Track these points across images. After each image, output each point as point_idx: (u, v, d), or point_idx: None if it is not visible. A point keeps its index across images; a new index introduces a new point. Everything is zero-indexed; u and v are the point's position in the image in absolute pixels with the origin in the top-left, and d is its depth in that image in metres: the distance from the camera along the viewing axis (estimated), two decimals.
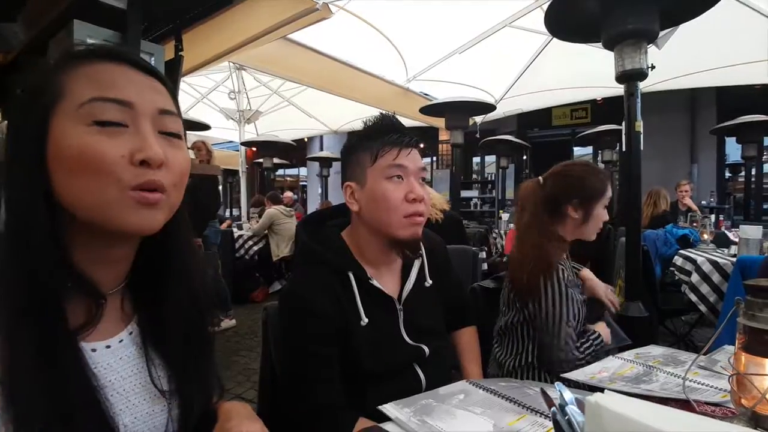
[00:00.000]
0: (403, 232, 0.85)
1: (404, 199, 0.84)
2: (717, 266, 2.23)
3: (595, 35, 2.18)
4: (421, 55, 4.51)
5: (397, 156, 0.84)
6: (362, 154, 0.87)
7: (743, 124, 4.13)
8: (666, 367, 0.95)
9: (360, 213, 0.88)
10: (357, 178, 0.88)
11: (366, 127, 0.90)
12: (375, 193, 0.84)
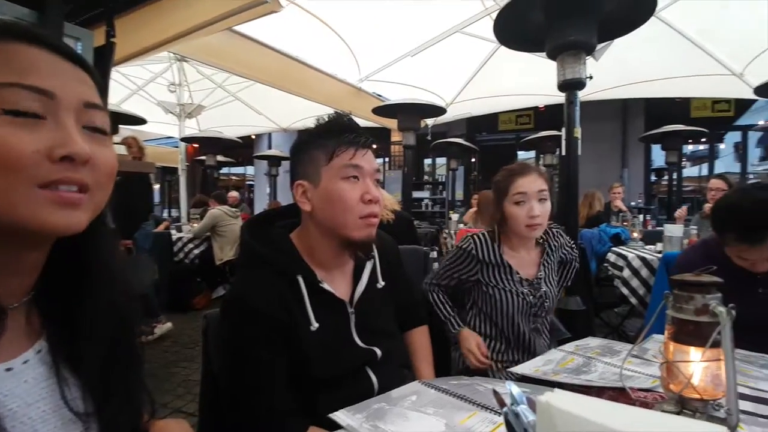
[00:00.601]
0: (358, 233, 0.84)
1: (360, 200, 0.83)
2: (645, 262, 2.43)
3: (539, 45, 2.31)
4: (373, 55, 4.53)
5: (353, 156, 0.83)
6: (316, 152, 0.84)
7: (667, 133, 4.55)
8: (603, 357, 1.02)
9: (312, 213, 0.85)
10: (310, 177, 0.85)
11: (321, 124, 0.88)
12: (330, 193, 0.82)
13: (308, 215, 0.87)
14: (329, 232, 0.85)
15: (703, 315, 0.59)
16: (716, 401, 0.59)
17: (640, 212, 5.01)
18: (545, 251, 1.36)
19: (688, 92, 5.26)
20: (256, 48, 3.92)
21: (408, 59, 4.48)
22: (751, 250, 1.14)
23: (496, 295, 1.31)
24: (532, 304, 1.31)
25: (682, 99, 6.76)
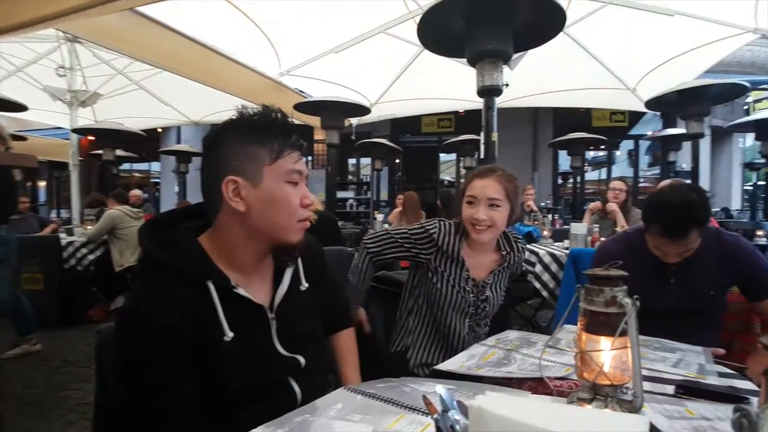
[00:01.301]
0: (295, 236, 0.83)
1: (300, 204, 0.83)
2: (555, 258, 2.65)
3: (460, 51, 2.41)
4: (295, 49, 4.41)
5: (297, 160, 0.83)
6: (258, 149, 0.78)
7: (572, 140, 5.05)
8: (522, 349, 1.08)
9: (247, 213, 0.78)
10: (247, 175, 0.78)
11: (262, 118, 0.81)
12: (275, 195, 0.79)
13: (235, 215, 0.79)
14: (261, 235, 0.80)
15: (611, 306, 0.64)
16: (624, 385, 0.64)
17: (550, 212, 5.52)
18: (503, 264, 1.37)
19: (590, 103, 5.90)
20: (163, 33, 3.59)
21: (332, 56, 4.44)
22: (669, 244, 1.27)
23: (439, 284, 1.32)
24: (470, 303, 1.33)
25: (585, 109, 7.57)
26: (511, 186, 1.28)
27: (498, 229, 1.28)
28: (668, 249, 1.28)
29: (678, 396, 0.79)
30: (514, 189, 1.29)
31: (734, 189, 10.74)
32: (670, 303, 1.26)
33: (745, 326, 1.42)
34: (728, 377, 0.91)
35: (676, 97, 3.47)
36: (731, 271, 1.32)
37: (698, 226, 1.22)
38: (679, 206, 1.23)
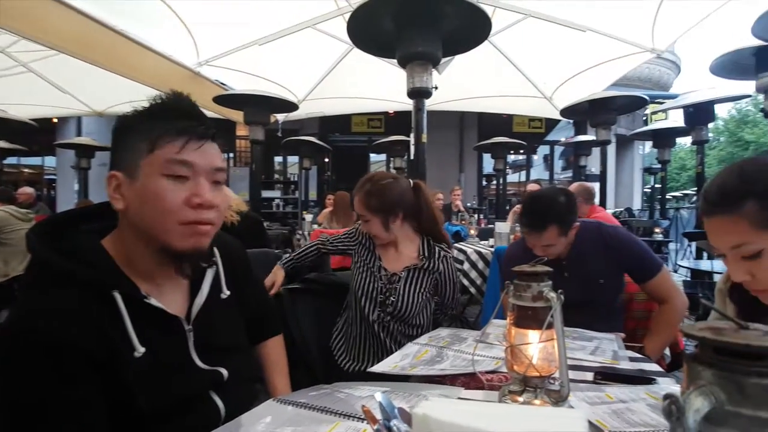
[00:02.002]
0: (181, 242, 0.70)
1: (185, 203, 0.69)
2: (481, 255, 2.79)
3: (390, 51, 2.44)
4: (216, 39, 4.18)
5: (182, 148, 0.69)
6: (136, 139, 0.69)
7: (495, 144, 5.35)
8: (453, 345, 1.11)
9: (126, 212, 0.70)
10: (126, 168, 0.70)
11: (147, 105, 0.73)
12: (147, 190, 0.68)
13: (122, 215, 0.72)
14: (146, 237, 0.71)
15: (538, 301, 0.67)
16: (551, 376, 0.68)
17: (475, 212, 5.81)
18: (419, 265, 1.47)
19: (512, 110, 6.32)
20: (59, 9, 3.19)
21: (255, 48, 4.26)
22: (530, 234, 1.43)
23: (357, 273, 1.50)
24: (379, 291, 1.43)
25: (507, 115, 8.08)
26: (375, 201, 1.44)
27: (380, 238, 1.48)
28: (531, 240, 1.44)
29: (597, 382, 0.86)
30: (380, 202, 1.43)
31: (635, 191, 12.20)
32: (567, 295, 1.38)
33: (648, 314, 1.60)
34: (638, 361, 1.01)
35: (588, 106, 3.84)
36: (616, 259, 1.48)
37: (557, 224, 1.38)
38: (543, 202, 1.42)
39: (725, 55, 2.73)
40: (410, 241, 1.52)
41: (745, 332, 0.36)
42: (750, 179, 0.72)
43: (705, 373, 0.35)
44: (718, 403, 0.33)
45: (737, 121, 29.53)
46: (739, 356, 0.34)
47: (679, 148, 23.83)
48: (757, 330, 0.36)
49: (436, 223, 1.56)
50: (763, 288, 0.74)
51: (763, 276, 0.73)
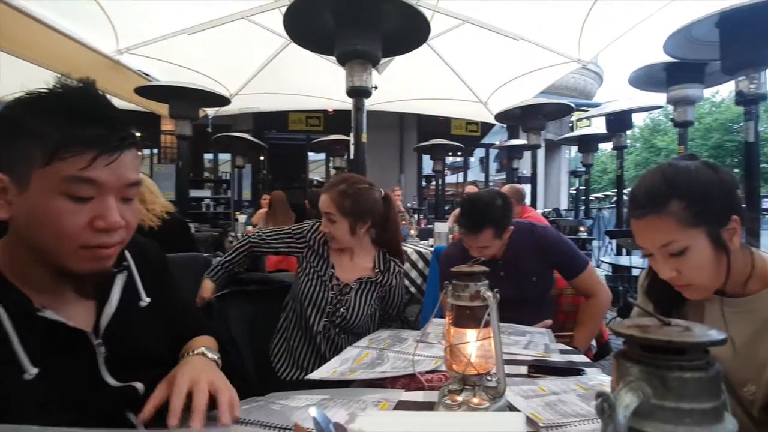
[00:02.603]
0: (80, 265, 0.62)
1: (88, 226, 0.60)
2: (421, 255, 2.85)
3: (329, 48, 2.42)
4: (138, 25, 3.88)
5: (89, 165, 0.58)
6: (28, 141, 0.58)
7: (434, 145, 5.50)
8: (394, 346, 1.12)
9: (14, 222, 0.61)
10: (14, 173, 0.59)
11: (44, 94, 0.60)
12: (39, 209, 0.58)
13: (10, 223, 0.62)
14: (38, 255, 0.62)
15: (476, 300, 0.69)
16: (488, 372, 0.70)
17: (415, 212, 5.93)
18: (373, 278, 1.43)
19: (450, 113, 6.52)
20: None
21: (184, 38, 4.03)
22: (467, 236, 1.49)
23: (304, 278, 1.41)
24: (328, 301, 1.37)
25: (445, 118, 8.33)
26: (349, 203, 1.38)
27: (339, 242, 1.40)
28: (468, 241, 1.51)
29: (531, 375, 0.91)
30: (352, 204, 1.38)
31: (562, 192, 13.14)
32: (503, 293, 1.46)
33: (576, 307, 1.73)
34: (567, 353, 1.09)
35: (520, 112, 4.08)
36: (547, 258, 1.59)
37: (493, 227, 1.46)
38: (480, 206, 1.48)
39: (641, 68, 3.02)
40: (366, 252, 1.48)
41: (668, 328, 0.39)
42: (673, 181, 0.79)
43: (633, 369, 0.38)
44: (645, 397, 0.36)
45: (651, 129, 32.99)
46: (663, 352, 0.37)
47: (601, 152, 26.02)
48: (678, 326, 0.40)
49: (398, 237, 1.56)
50: (687, 283, 0.81)
51: (688, 272, 0.79)
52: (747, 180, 2.26)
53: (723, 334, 0.37)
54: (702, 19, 2.02)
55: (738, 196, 0.81)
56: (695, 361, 0.37)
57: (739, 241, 0.79)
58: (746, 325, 0.80)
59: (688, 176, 0.78)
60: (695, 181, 0.78)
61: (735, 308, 0.82)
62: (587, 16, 3.45)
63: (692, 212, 0.76)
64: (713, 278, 0.79)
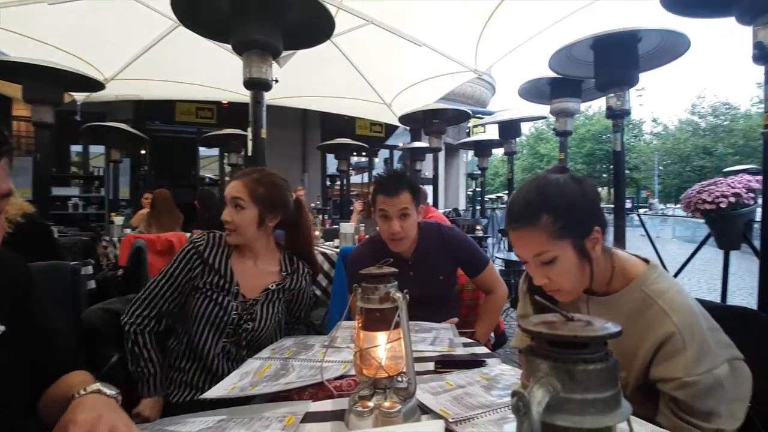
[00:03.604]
0: None
1: None
2: (326, 257, 2.82)
3: (224, 36, 2.28)
4: None
5: None
6: None
7: (339, 145, 5.51)
8: (300, 354, 1.08)
9: None
10: None
11: None
12: None
13: None
14: None
15: (386, 302, 0.70)
16: (398, 374, 0.72)
17: (320, 212, 5.88)
18: (281, 284, 1.36)
19: (354, 112, 6.56)
20: None
21: (44, 7, 3.49)
22: (387, 199, 1.55)
23: (200, 300, 1.26)
24: (229, 322, 1.27)
25: (350, 117, 8.38)
26: (263, 190, 1.31)
27: (241, 235, 1.29)
28: (388, 207, 1.56)
29: (438, 371, 0.95)
30: (266, 192, 1.31)
31: (461, 193, 14.07)
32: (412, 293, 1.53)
33: (476, 302, 1.88)
34: (470, 346, 1.16)
35: (422, 116, 4.26)
36: (453, 257, 1.71)
37: (410, 190, 1.57)
38: (397, 173, 1.63)
39: (528, 82, 3.34)
40: (271, 255, 1.40)
41: (572, 324, 0.43)
42: (545, 196, 0.88)
43: (542, 365, 0.41)
44: (555, 391, 0.39)
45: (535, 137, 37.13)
46: (569, 346, 0.41)
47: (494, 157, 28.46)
48: (580, 321, 0.44)
49: (310, 243, 1.50)
50: (557, 288, 0.92)
51: (557, 279, 0.90)
52: (615, 182, 2.65)
53: (618, 327, 0.42)
54: (580, 41, 2.30)
55: (600, 208, 0.94)
56: (597, 353, 0.41)
57: (600, 249, 0.91)
58: (614, 317, 0.91)
59: (557, 191, 0.89)
60: (563, 196, 0.88)
61: (602, 305, 0.95)
62: (483, 30, 3.73)
63: (560, 225, 0.86)
64: (579, 283, 0.91)
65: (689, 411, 0.81)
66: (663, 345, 0.83)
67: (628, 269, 0.94)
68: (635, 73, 2.30)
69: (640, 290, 0.90)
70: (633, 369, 0.89)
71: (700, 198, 2.53)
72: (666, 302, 0.86)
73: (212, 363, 1.26)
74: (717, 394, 0.81)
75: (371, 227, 3.42)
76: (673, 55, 2.31)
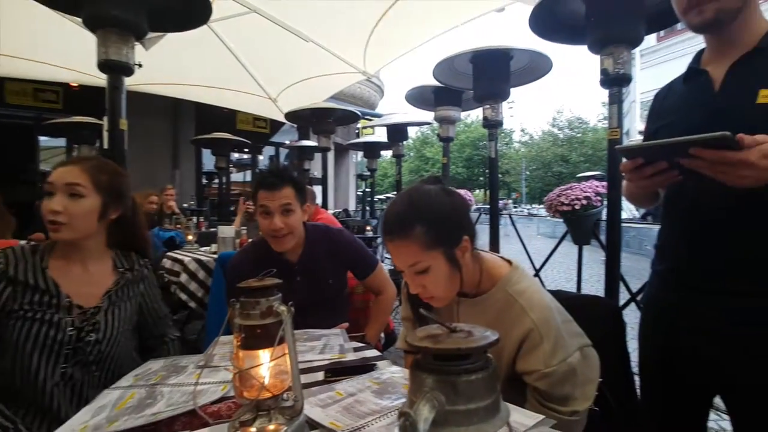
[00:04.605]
0: None
1: None
2: (202, 264, 2.63)
3: (75, 7, 1.98)
4: None
5: None
6: None
7: (217, 139, 5.17)
8: (170, 379, 0.98)
9: None
10: None
11: None
12: None
13: None
14: None
15: (268, 317, 0.67)
16: (284, 392, 0.68)
17: (194, 214, 5.44)
18: (121, 283, 1.22)
19: (235, 105, 6.20)
20: None
21: None
22: (269, 195, 1.53)
23: (19, 321, 1.06)
24: (65, 342, 1.09)
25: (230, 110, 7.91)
26: (106, 178, 1.18)
27: (74, 229, 1.13)
28: (269, 202, 1.54)
29: (327, 381, 0.94)
30: (110, 180, 1.19)
31: (351, 194, 14.24)
32: (300, 299, 1.51)
33: (366, 304, 1.91)
34: (361, 350, 1.17)
35: (310, 114, 4.21)
36: (342, 260, 1.72)
37: (293, 185, 1.56)
38: (281, 168, 1.61)
39: (415, 88, 3.52)
40: (102, 255, 1.24)
41: (455, 335, 0.46)
42: (417, 207, 0.94)
43: (428, 379, 0.43)
44: (440, 405, 0.41)
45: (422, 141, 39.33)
46: (453, 359, 0.43)
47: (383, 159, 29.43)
48: (462, 331, 0.46)
49: (146, 244, 1.36)
50: (431, 296, 0.98)
51: (431, 287, 0.96)
52: (490, 185, 2.95)
53: (496, 334, 0.45)
54: (460, 54, 2.49)
55: (469, 218, 1.03)
56: (478, 362, 0.44)
57: (470, 256, 1.00)
58: (482, 318, 1.02)
59: (429, 202, 0.96)
60: (434, 207, 0.95)
61: (472, 306, 1.04)
62: (371, 33, 3.81)
63: (432, 236, 0.92)
64: (451, 290, 0.99)
65: (549, 398, 0.93)
66: (524, 340, 0.94)
67: (494, 272, 1.03)
68: (507, 88, 2.56)
69: (504, 291, 1.00)
70: (502, 363, 0.98)
71: (559, 201, 2.94)
72: (525, 301, 0.96)
73: (50, 399, 1.07)
74: (571, 380, 0.94)
75: (255, 230, 3.27)
76: (539, 74, 2.64)
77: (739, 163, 0.74)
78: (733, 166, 0.74)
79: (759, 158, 0.73)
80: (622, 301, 2.15)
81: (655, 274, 1.13)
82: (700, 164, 0.77)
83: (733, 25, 0.95)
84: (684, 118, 1.00)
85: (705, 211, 0.95)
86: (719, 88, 0.96)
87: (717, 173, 0.77)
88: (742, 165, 0.74)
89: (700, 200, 0.95)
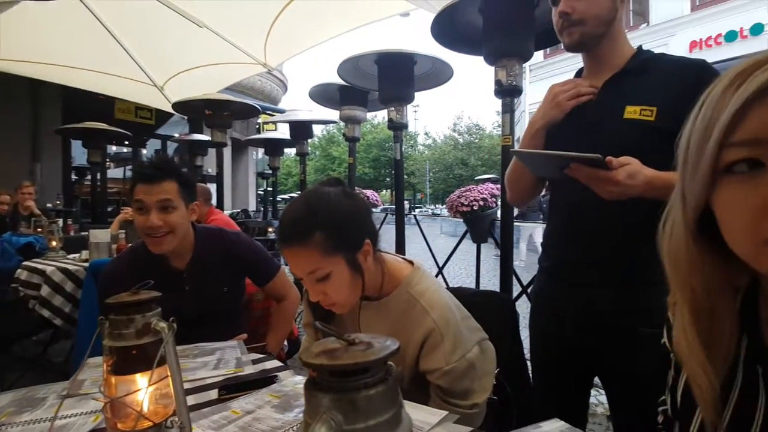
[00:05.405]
0: None
1: None
2: (69, 274, 2.31)
3: None
4: None
5: None
6: None
7: (90, 130, 4.62)
8: (22, 415, 0.83)
9: None
10: None
11: None
12: None
13: None
14: None
15: (145, 336, 0.60)
16: (168, 419, 0.61)
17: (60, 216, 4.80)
18: None
19: (112, 92, 5.56)
20: None
21: None
22: (145, 188, 1.40)
23: None
24: None
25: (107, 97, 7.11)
26: None
27: None
28: (146, 197, 1.41)
29: (221, 399, 0.87)
30: None
31: (251, 193, 13.64)
32: (190, 310, 1.39)
33: (267, 311, 1.81)
34: (260, 362, 1.11)
35: (203, 105, 3.94)
36: (238, 266, 1.61)
37: (176, 179, 1.44)
38: (163, 158, 1.53)
39: (319, 85, 3.47)
40: None
41: (353, 349, 0.44)
42: (315, 212, 0.91)
43: (324, 399, 0.40)
44: (338, 425, 0.39)
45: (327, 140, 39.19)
46: (351, 374, 0.41)
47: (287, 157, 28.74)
48: (361, 343, 0.45)
49: None
50: (333, 302, 0.96)
51: (332, 293, 0.94)
52: (395, 186, 3.02)
53: (397, 343, 0.44)
54: (366, 54, 2.51)
55: (370, 220, 1.03)
56: (378, 374, 0.43)
57: (372, 260, 1.00)
58: (385, 320, 1.04)
59: (328, 206, 0.94)
60: (334, 212, 0.93)
61: (377, 309, 1.05)
62: (272, 25, 3.68)
63: (332, 242, 0.91)
64: (353, 295, 0.98)
65: (450, 394, 0.97)
66: (426, 340, 0.97)
67: (396, 273, 1.05)
68: (412, 91, 2.64)
69: (406, 292, 1.02)
70: (406, 365, 1.00)
71: (459, 201, 3.13)
72: (426, 301, 0.99)
73: None
74: (471, 375, 0.99)
75: (135, 235, 2.96)
76: (442, 80, 2.76)
77: (608, 180, 0.90)
78: (603, 182, 0.90)
79: (625, 178, 0.89)
80: (516, 293, 2.36)
81: (541, 269, 1.28)
82: (578, 175, 0.92)
83: (601, 49, 1.11)
84: (567, 125, 1.14)
85: (578, 212, 1.11)
86: (594, 102, 1.12)
87: (591, 185, 0.93)
88: (610, 182, 0.90)
89: (578, 205, 1.11)
